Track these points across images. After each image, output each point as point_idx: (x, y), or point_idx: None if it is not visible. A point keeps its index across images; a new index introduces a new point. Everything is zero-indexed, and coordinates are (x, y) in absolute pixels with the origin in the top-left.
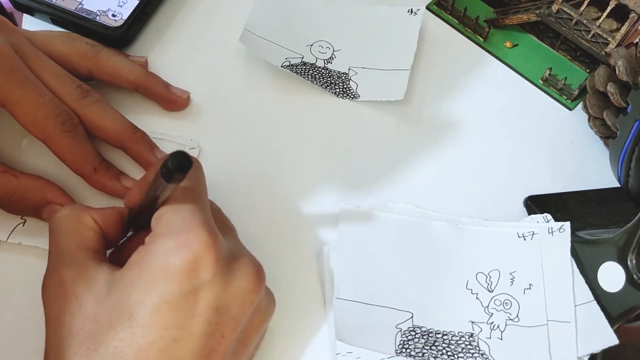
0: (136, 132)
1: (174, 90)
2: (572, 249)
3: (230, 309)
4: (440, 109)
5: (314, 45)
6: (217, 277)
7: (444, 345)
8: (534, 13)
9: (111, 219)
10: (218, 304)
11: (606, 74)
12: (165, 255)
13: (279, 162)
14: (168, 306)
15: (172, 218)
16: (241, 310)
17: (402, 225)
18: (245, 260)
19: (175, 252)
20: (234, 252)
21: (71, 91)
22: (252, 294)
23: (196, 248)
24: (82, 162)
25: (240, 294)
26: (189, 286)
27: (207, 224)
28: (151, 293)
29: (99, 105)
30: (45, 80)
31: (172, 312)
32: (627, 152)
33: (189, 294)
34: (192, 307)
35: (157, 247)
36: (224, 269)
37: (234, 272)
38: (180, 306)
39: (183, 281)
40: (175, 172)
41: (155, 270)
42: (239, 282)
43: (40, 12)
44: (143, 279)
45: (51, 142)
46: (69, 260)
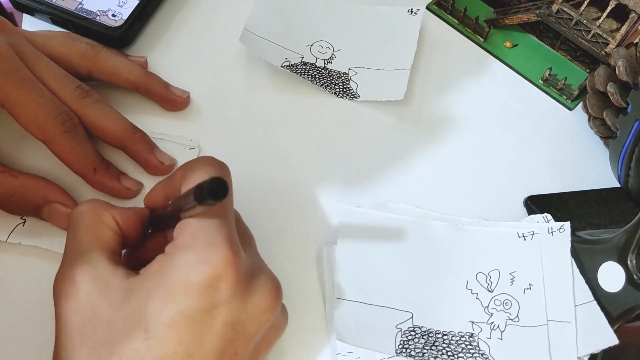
0: (136, 132)
1: (174, 90)
2: (572, 249)
3: (246, 326)
4: (440, 109)
5: (314, 45)
6: (235, 295)
7: (444, 345)
8: (534, 13)
9: (132, 220)
10: (234, 321)
11: (606, 74)
12: (186, 270)
13: (279, 162)
14: (184, 321)
15: (196, 231)
16: (257, 328)
17: (402, 225)
18: (265, 278)
19: (197, 268)
20: (254, 269)
21: (71, 92)
22: (269, 312)
23: (217, 265)
24: (82, 162)
25: (258, 313)
26: (207, 303)
27: (231, 241)
28: (169, 306)
29: (98, 106)
30: (45, 80)
31: (188, 326)
32: (627, 152)
33: (206, 310)
34: (209, 323)
35: (179, 260)
36: (244, 287)
37: (253, 291)
38: (196, 321)
39: (202, 297)
40: (209, 198)
41: (175, 283)
42: (256, 301)
43: (40, 12)
44: (161, 291)
45: (51, 142)
46: (84, 259)
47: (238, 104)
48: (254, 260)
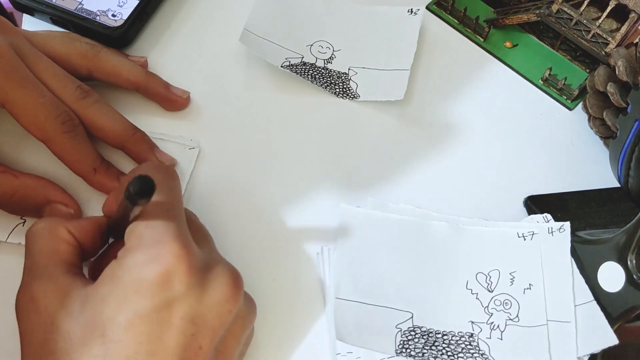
0: (136, 133)
1: (174, 90)
2: (572, 249)
3: (206, 319)
4: (440, 109)
5: (314, 45)
6: (190, 288)
7: (444, 345)
8: (534, 13)
9: (88, 230)
10: (193, 315)
11: (606, 74)
12: (136, 270)
13: (279, 162)
14: (141, 321)
15: (144, 231)
16: (218, 320)
17: (402, 225)
18: (221, 269)
19: (147, 266)
20: (209, 262)
21: (71, 92)
22: (229, 303)
23: (167, 261)
24: (82, 162)
25: (217, 304)
26: (162, 300)
27: (180, 236)
28: (124, 309)
29: (98, 106)
30: (45, 80)
31: (145, 326)
32: (627, 152)
33: (162, 307)
34: (166, 321)
35: (128, 262)
36: (198, 280)
37: (209, 283)
38: (153, 320)
39: (155, 295)
40: (139, 197)
41: (127, 285)
42: (214, 292)
43: (40, 12)
44: (115, 294)
45: (51, 142)
46: (42, 275)
47: (238, 104)
48: (208, 254)
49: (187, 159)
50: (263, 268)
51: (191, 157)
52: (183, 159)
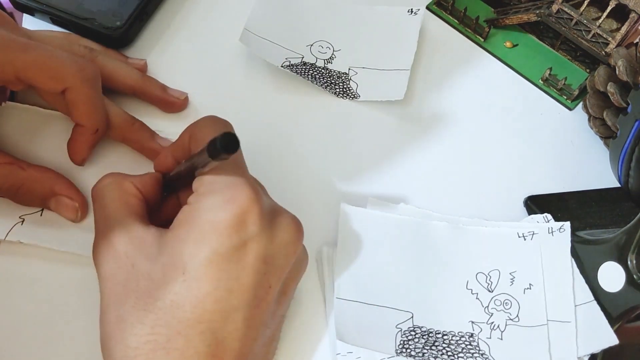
0: (135, 123)
1: (171, 92)
2: (572, 249)
3: (276, 259)
4: (440, 109)
5: (314, 45)
6: (263, 230)
7: (444, 345)
8: (534, 13)
9: (150, 185)
10: (265, 255)
11: (606, 74)
12: (213, 211)
13: (279, 162)
14: (220, 258)
15: (216, 178)
16: (285, 260)
17: (402, 225)
18: (285, 214)
19: (223, 208)
20: (275, 207)
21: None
22: (294, 244)
23: (242, 203)
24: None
25: (284, 245)
26: (238, 239)
27: (250, 182)
28: (203, 247)
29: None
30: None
31: (224, 264)
32: (627, 152)
33: (238, 246)
34: (242, 259)
35: (205, 204)
36: (269, 222)
37: (277, 225)
38: (231, 258)
39: (232, 234)
40: (223, 152)
41: (205, 225)
42: (282, 234)
43: (40, 12)
44: (193, 234)
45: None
46: (117, 224)
47: (238, 104)
48: (271, 201)
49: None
50: None
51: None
52: None
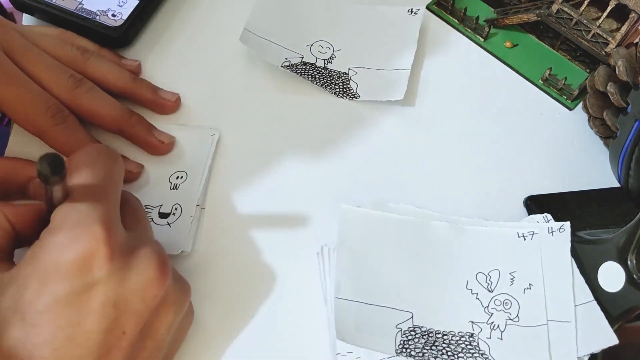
0: (132, 116)
1: (163, 94)
2: (572, 249)
3: (129, 304)
4: (440, 109)
5: (314, 45)
6: (112, 272)
7: (444, 345)
8: (534, 13)
9: (26, 217)
10: (115, 299)
11: (606, 74)
12: (56, 251)
13: (279, 162)
14: (59, 305)
15: (68, 213)
16: (142, 304)
17: (402, 225)
18: (146, 252)
19: (66, 248)
20: (136, 245)
21: (64, 81)
22: (154, 287)
23: (88, 244)
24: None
25: (140, 288)
26: (81, 283)
27: (104, 219)
28: (43, 292)
29: (93, 93)
30: (37, 72)
31: (64, 310)
32: (627, 152)
33: (81, 291)
34: (86, 305)
35: (49, 243)
36: (120, 264)
37: (132, 266)
38: (72, 304)
39: (74, 278)
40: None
41: (47, 267)
42: (137, 276)
43: (40, 12)
44: (34, 276)
45: (45, 136)
46: None
47: (238, 104)
48: (137, 236)
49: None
50: (263, 268)
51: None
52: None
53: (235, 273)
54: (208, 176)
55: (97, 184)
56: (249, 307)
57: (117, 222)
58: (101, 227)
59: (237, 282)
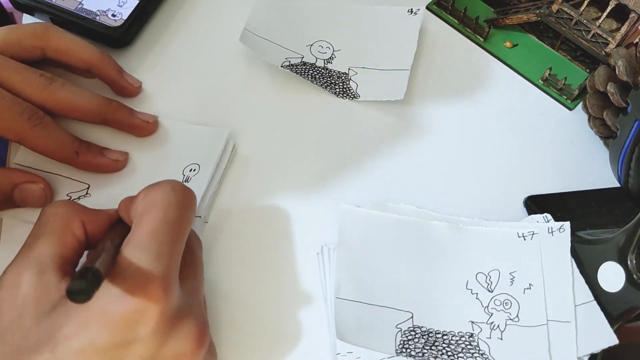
0: (112, 102)
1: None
2: (572, 249)
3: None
4: (440, 109)
5: (314, 45)
6: (154, 335)
7: (444, 345)
8: (534, 13)
9: (102, 226)
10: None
11: (606, 74)
12: (108, 300)
13: (279, 162)
14: (94, 352)
15: (131, 261)
16: None
17: (402, 225)
18: (191, 321)
19: (120, 300)
20: (184, 309)
21: (36, 81)
22: (187, 357)
23: (141, 302)
24: (62, 149)
25: (174, 356)
26: (122, 338)
27: (165, 276)
28: (82, 333)
29: (67, 88)
30: (6, 77)
31: (96, 357)
32: (627, 152)
33: (119, 345)
34: (119, 359)
35: (104, 288)
36: (165, 328)
37: (174, 333)
38: (106, 355)
39: (117, 331)
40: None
41: (95, 311)
42: (176, 344)
43: (40, 12)
44: (79, 315)
45: (25, 139)
46: (37, 261)
47: (238, 104)
48: (188, 299)
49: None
50: (263, 268)
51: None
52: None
53: (234, 273)
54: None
55: (166, 228)
56: (248, 306)
57: (175, 280)
58: (159, 288)
59: (236, 282)
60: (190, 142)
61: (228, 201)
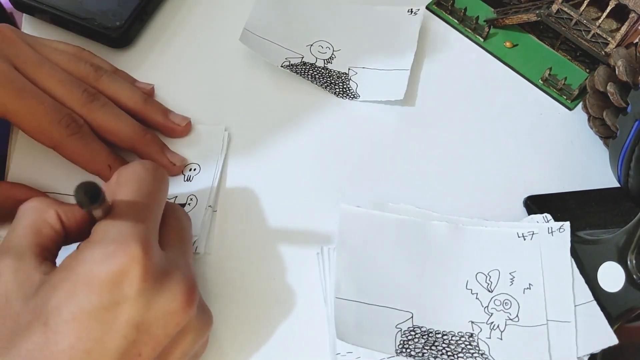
0: (146, 134)
1: (173, 117)
2: (572, 249)
3: (151, 327)
4: (440, 109)
5: (314, 45)
6: (141, 294)
7: (443, 345)
8: (534, 13)
9: (78, 217)
10: (138, 321)
11: (606, 74)
12: (91, 264)
13: (279, 162)
14: (85, 316)
15: (109, 228)
16: (163, 330)
17: (402, 225)
18: (178, 278)
19: (101, 262)
20: (169, 269)
21: (78, 96)
22: (178, 315)
23: (123, 261)
24: (96, 161)
25: (164, 314)
26: (110, 299)
27: (143, 238)
28: (70, 301)
29: (106, 109)
30: (49, 87)
31: (88, 322)
32: (627, 152)
33: (108, 307)
34: (110, 321)
35: (85, 255)
36: (151, 286)
37: (161, 291)
38: (97, 318)
39: (104, 293)
40: (83, 203)
41: (79, 277)
42: (164, 302)
43: (40, 12)
44: (65, 285)
45: (60, 147)
46: (12, 252)
47: (238, 104)
48: (174, 260)
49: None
50: (263, 268)
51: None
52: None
53: (234, 273)
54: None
55: (139, 202)
56: (248, 306)
57: (154, 242)
58: (138, 247)
59: (236, 282)
60: (189, 142)
61: (227, 201)
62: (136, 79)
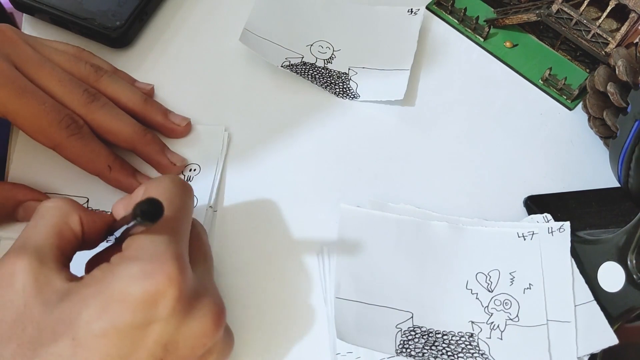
0: (146, 134)
1: (173, 118)
2: (572, 249)
3: (178, 347)
4: (440, 109)
5: (314, 45)
6: (173, 315)
7: (444, 345)
8: (534, 13)
9: (98, 226)
10: (167, 341)
11: (606, 74)
12: (126, 281)
13: (279, 162)
14: (115, 333)
15: (145, 244)
16: (190, 351)
17: (402, 225)
18: (209, 301)
19: (138, 281)
20: (200, 290)
21: (78, 96)
22: (206, 337)
23: (160, 281)
24: (96, 161)
25: (194, 336)
26: (143, 318)
27: (178, 257)
28: (102, 316)
29: (107, 109)
30: (49, 87)
31: (118, 339)
32: (627, 152)
33: (140, 326)
34: (140, 340)
35: (122, 270)
36: (184, 308)
37: (193, 313)
38: (128, 336)
39: (138, 312)
40: (143, 220)
41: (114, 293)
42: (194, 324)
43: (40, 12)
44: (98, 300)
45: (60, 147)
46: (34, 252)
47: (237, 104)
48: (202, 281)
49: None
50: (263, 268)
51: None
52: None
53: (234, 273)
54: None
55: (172, 217)
56: (248, 306)
57: (187, 259)
58: (175, 266)
59: (236, 282)
60: (189, 142)
61: (227, 202)
62: (136, 79)
